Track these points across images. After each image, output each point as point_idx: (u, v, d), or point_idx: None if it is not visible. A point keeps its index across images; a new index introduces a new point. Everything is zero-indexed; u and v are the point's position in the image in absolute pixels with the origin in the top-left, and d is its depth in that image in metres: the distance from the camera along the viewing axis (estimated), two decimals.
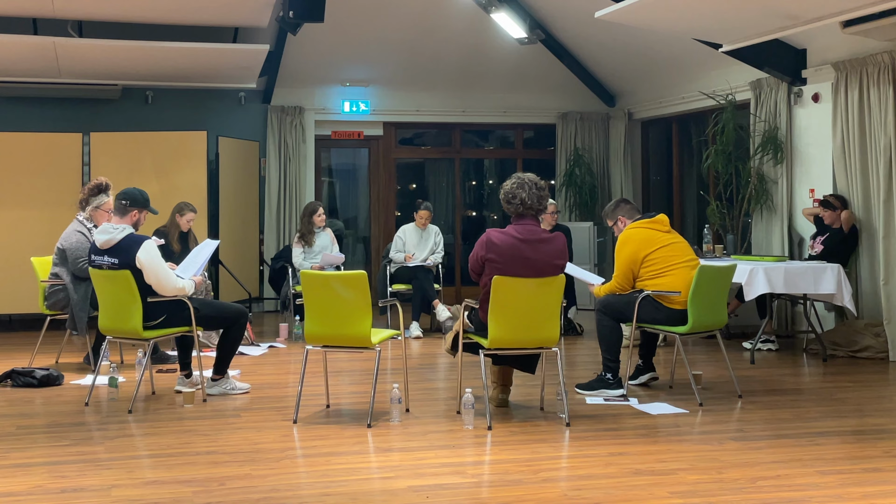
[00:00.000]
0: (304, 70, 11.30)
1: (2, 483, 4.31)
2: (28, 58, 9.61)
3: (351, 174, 13.14)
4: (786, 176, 9.07)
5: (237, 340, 6.33)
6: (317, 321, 5.52)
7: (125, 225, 5.95)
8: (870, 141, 7.98)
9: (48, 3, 8.88)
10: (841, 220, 8.04)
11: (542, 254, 5.46)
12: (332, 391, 6.23)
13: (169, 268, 6.08)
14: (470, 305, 5.70)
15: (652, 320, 6.19)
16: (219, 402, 6.08)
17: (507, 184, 5.59)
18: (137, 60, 9.90)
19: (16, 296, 9.71)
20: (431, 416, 5.68)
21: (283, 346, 8.64)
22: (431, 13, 10.53)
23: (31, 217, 9.91)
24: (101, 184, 7.17)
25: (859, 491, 4.13)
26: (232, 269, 10.23)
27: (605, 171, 12.34)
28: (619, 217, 6.58)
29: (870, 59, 7.88)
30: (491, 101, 12.27)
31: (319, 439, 5.13)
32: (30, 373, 6.71)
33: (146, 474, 4.47)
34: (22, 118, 10.63)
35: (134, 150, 10.21)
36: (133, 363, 7.48)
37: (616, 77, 11.90)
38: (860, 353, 7.78)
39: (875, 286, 7.93)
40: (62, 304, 7.29)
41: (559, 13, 10.44)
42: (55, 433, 5.29)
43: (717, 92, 9.70)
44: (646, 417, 5.63)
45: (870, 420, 5.56)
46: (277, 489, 4.19)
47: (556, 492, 4.15)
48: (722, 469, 4.48)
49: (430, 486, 4.24)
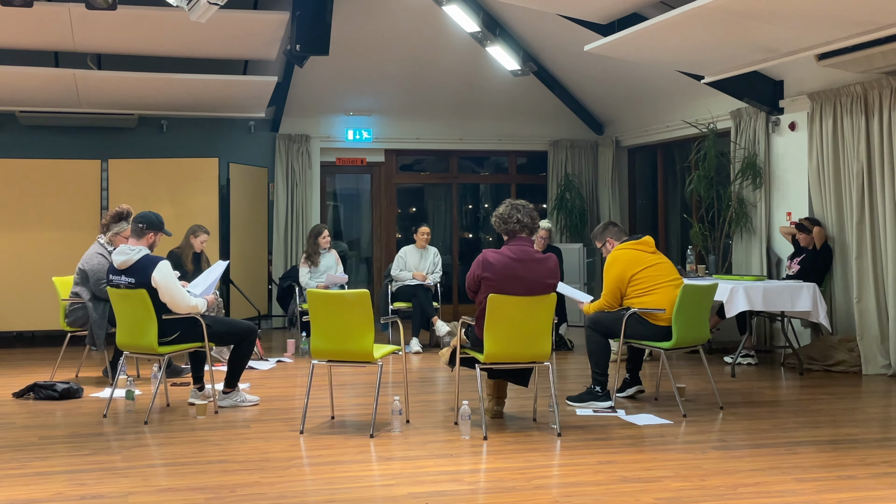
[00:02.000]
0: (310, 100, 11.36)
1: (25, 490, 4.31)
2: (50, 89, 9.67)
3: (354, 198, 13.17)
4: (764, 200, 9.11)
5: (247, 355, 6.34)
6: (322, 337, 5.53)
7: (141, 246, 5.98)
8: (843, 167, 8.03)
9: (69, 38, 8.94)
10: (814, 238, 8.08)
11: (535, 273, 5.49)
12: (337, 403, 6.24)
13: (182, 287, 6.10)
14: (466, 322, 5.72)
15: (638, 336, 6.21)
16: (230, 414, 6.09)
17: (501, 208, 5.66)
18: (153, 91, 9.95)
19: (38, 313, 9.72)
20: (430, 427, 5.69)
21: (290, 360, 8.64)
22: (430, 47, 10.60)
23: (53, 239, 9.94)
24: (123, 212, 7.18)
25: (834, 497, 4.14)
26: (242, 288, 10.24)
27: (594, 196, 12.38)
28: (607, 239, 6.61)
29: (843, 90, 7.94)
30: (486, 129, 12.33)
31: (325, 449, 5.14)
32: (51, 386, 6.71)
33: (161, 482, 4.47)
34: (44, 146, 10.67)
35: (150, 175, 10.25)
36: (149, 377, 7.49)
37: (604, 107, 11.96)
38: (835, 367, 7.79)
39: (849, 304, 7.96)
40: (82, 321, 7.31)
41: (550, 46, 10.50)
42: (75, 443, 5.30)
43: (700, 121, 9.75)
44: (633, 428, 5.64)
45: (844, 430, 5.57)
46: (285, 496, 4.20)
47: (548, 498, 4.16)
48: (704, 477, 4.49)
49: (429, 492, 4.25)
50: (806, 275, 8.00)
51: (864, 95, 7.74)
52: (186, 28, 8.69)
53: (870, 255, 7.71)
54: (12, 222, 9.91)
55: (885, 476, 4.49)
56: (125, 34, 9.02)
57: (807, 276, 7.96)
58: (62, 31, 8.80)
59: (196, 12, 6.76)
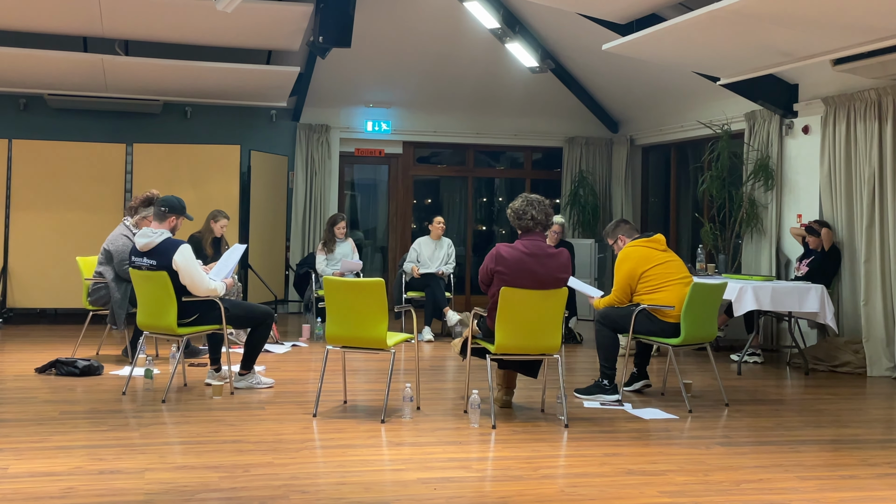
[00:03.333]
0: (331, 91, 11.36)
1: (45, 463, 4.35)
2: (78, 73, 9.71)
3: (371, 189, 13.18)
4: (775, 202, 9.07)
5: (263, 339, 6.36)
6: (337, 323, 5.55)
7: (164, 230, 6.00)
8: (855, 171, 7.98)
9: (98, 24, 8.98)
10: (822, 240, 8.04)
11: (547, 267, 5.48)
12: (350, 388, 6.26)
13: (202, 270, 6.13)
14: (479, 313, 5.73)
15: (647, 332, 6.20)
16: (245, 395, 6.12)
17: (517, 203, 5.62)
18: (178, 78, 9.98)
19: (61, 292, 9.79)
20: (440, 414, 5.70)
21: (305, 345, 8.66)
22: (450, 42, 10.59)
23: (78, 220, 9.99)
24: (152, 197, 7.16)
25: (836, 496, 4.13)
26: (260, 273, 10.28)
27: (607, 193, 12.35)
28: (619, 236, 6.60)
29: (857, 96, 7.89)
30: (503, 124, 12.31)
31: (337, 432, 5.15)
32: (72, 363, 6.76)
33: (177, 459, 4.50)
34: (71, 129, 10.72)
35: (173, 160, 10.29)
36: (167, 357, 7.53)
37: (620, 105, 11.92)
38: (840, 367, 7.76)
39: (856, 306, 7.92)
40: (104, 300, 7.35)
41: (569, 45, 10.47)
42: (94, 419, 5.33)
43: (714, 122, 9.71)
44: (639, 422, 5.63)
45: (847, 430, 5.55)
46: (297, 477, 4.22)
47: (554, 488, 4.16)
48: (708, 472, 4.48)
49: (437, 478, 4.26)
50: (814, 276, 7.96)
51: (878, 101, 7.69)
52: (212, 17, 8.71)
53: (878, 258, 7.66)
54: (39, 202, 9.97)
55: (887, 476, 4.47)
56: (153, 22, 9.06)
57: (815, 278, 7.93)
58: (91, 18, 8.84)
59: (222, 2, 6.77)
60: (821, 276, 7.96)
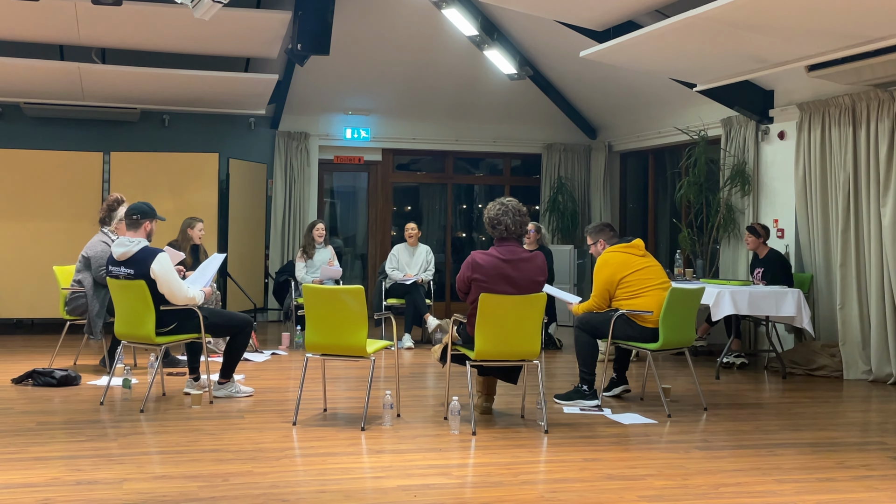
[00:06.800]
0: (309, 99, 11.35)
1: (22, 475, 4.31)
2: (54, 81, 9.64)
3: (351, 196, 13.16)
4: (752, 207, 9.13)
5: (242, 347, 6.34)
6: (317, 331, 5.54)
7: (140, 238, 5.98)
8: (830, 176, 8.05)
9: (74, 32, 8.93)
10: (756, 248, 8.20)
11: (523, 271, 5.49)
12: (330, 396, 6.24)
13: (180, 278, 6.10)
14: (458, 320, 5.73)
15: (626, 337, 6.23)
16: (224, 404, 6.09)
17: (492, 209, 5.60)
18: (156, 86, 9.94)
19: (38, 301, 9.71)
20: (420, 421, 5.70)
21: (284, 353, 8.64)
22: (429, 49, 10.61)
23: (54, 229, 9.92)
24: (118, 198, 7.24)
25: (814, 499, 4.16)
26: (239, 281, 10.23)
27: (585, 199, 12.39)
28: (599, 240, 6.63)
29: (832, 101, 7.96)
30: (482, 131, 12.34)
31: (317, 440, 5.14)
32: (49, 373, 6.71)
33: (156, 469, 4.47)
34: (48, 137, 10.64)
35: (151, 169, 10.23)
36: (146, 366, 7.49)
37: (598, 112, 11.97)
38: (817, 371, 7.82)
39: (832, 310, 7.98)
40: (81, 309, 7.30)
41: (547, 51, 10.51)
42: (72, 429, 5.30)
43: (691, 128, 9.77)
44: (618, 426, 5.65)
45: (824, 433, 5.59)
46: (277, 486, 4.21)
47: (534, 493, 4.17)
48: (687, 476, 4.50)
49: (418, 485, 4.26)
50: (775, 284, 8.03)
51: (853, 107, 7.76)
52: (190, 25, 8.68)
53: (854, 262, 7.73)
54: (15, 211, 9.89)
55: (864, 479, 4.50)
56: (130, 30, 9.01)
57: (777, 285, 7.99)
58: (68, 26, 8.79)
59: (200, 10, 6.75)
60: (780, 282, 8.03)
